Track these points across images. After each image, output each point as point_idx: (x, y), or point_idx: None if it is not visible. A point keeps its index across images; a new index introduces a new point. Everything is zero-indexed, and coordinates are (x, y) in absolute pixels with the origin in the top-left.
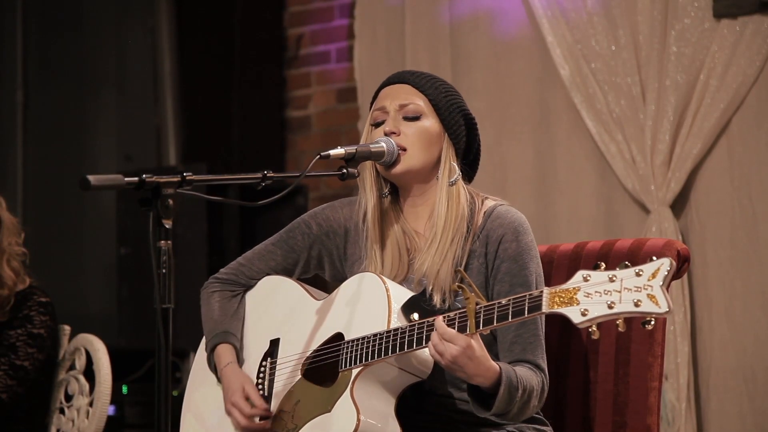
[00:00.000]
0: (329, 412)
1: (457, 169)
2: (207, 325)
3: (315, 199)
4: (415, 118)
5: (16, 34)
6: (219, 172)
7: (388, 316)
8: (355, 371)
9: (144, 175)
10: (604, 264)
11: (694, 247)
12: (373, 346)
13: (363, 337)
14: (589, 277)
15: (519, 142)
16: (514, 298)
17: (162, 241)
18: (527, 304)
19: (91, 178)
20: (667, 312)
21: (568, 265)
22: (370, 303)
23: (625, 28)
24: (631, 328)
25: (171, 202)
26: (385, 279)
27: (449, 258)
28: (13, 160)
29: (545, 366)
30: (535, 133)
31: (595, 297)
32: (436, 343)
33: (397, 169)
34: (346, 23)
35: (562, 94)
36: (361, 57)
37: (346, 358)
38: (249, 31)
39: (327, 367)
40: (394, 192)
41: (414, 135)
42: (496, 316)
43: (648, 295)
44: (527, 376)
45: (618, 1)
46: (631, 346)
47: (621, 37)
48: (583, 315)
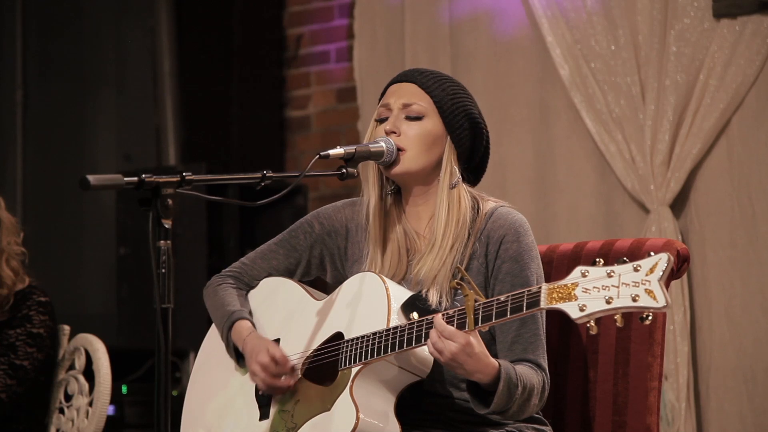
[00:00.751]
0: (329, 410)
1: (457, 173)
2: (218, 311)
3: (315, 199)
4: (418, 118)
5: (16, 34)
6: (218, 172)
7: (388, 315)
8: (354, 370)
9: (143, 175)
10: (602, 260)
11: (694, 247)
12: (372, 344)
13: (362, 336)
14: (587, 273)
15: (519, 141)
16: (513, 295)
17: (162, 241)
18: (525, 300)
19: (90, 178)
20: (664, 306)
21: (567, 265)
22: (369, 302)
23: (624, 28)
24: (630, 328)
25: (170, 202)
26: (385, 278)
27: (448, 263)
28: (13, 159)
29: (546, 365)
30: (535, 132)
31: (593, 292)
32: (435, 340)
33: (396, 169)
34: (346, 23)
35: (561, 93)
36: (360, 57)
37: (345, 357)
38: (248, 31)
39: (327, 366)
40: (398, 190)
41: (414, 136)
42: (494, 313)
43: (646, 290)
44: (527, 374)
45: (618, 1)
46: (630, 346)
47: (620, 37)
48: (581, 310)
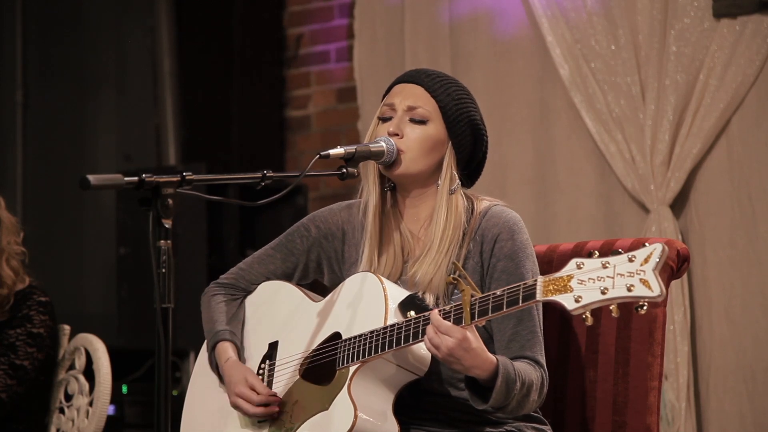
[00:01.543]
0: (327, 409)
1: (457, 178)
2: (207, 326)
3: (315, 198)
4: (422, 122)
5: (16, 34)
6: (218, 172)
7: (385, 314)
8: (352, 369)
9: (144, 175)
10: (597, 252)
11: (694, 247)
12: (369, 343)
13: (360, 335)
14: (582, 265)
15: (519, 141)
16: (509, 289)
17: (162, 241)
18: (522, 293)
19: (90, 178)
20: (659, 295)
21: None
22: (367, 302)
23: (624, 28)
24: (630, 327)
25: (170, 201)
26: (382, 278)
27: (443, 267)
28: (13, 159)
29: (544, 362)
30: (535, 132)
31: (588, 284)
32: (432, 336)
33: (395, 170)
34: (346, 23)
35: (561, 93)
36: (360, 57)
37: (343, 356)
38: (248, 31)
39: (325, 366)
40: (394, 187)
41: (416, 139)
42: (491, 307)
43: (641, 279)
44: (526, 370)
45: (618, 1)
46: (630, 345)
47: (621, 37)
48: (577, 302)
